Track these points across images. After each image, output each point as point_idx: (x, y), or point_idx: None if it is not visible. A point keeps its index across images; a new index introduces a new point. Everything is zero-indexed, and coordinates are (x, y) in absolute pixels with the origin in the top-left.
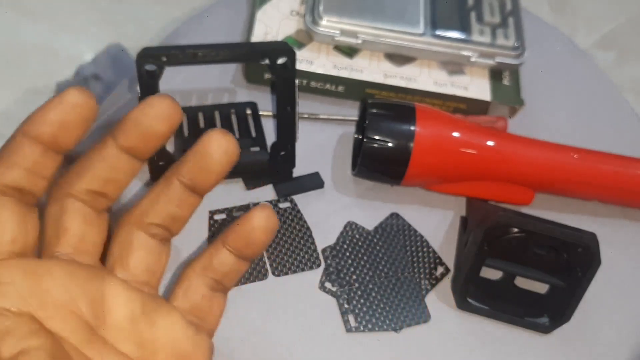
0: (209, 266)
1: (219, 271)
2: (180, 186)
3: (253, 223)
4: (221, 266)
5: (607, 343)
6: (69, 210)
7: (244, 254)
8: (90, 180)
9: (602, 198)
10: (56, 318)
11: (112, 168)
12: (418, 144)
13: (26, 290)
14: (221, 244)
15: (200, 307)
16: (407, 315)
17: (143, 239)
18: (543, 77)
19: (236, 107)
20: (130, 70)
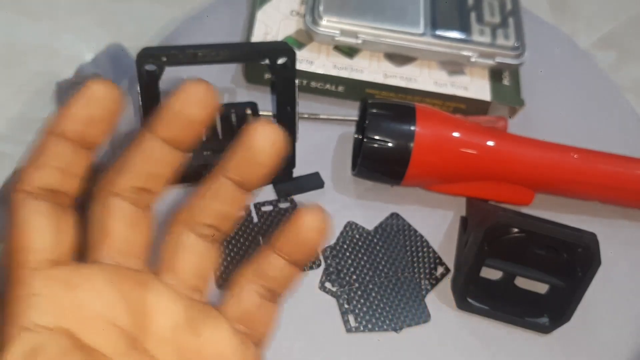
0: (259, 272)
1: (270, 277)
2: (228, 183)
3: (302, 224)
4: (273, 272)
5: (607, 343)
6: (113, 211)
7: (295, 257)
8: (132, 176)
9: (602, 198)
10: (94, 331)
11: (154, 161)
12: (418, 144)
13: (62, 303)
14: (272, 249)
15: (251, 315)
16: (407, 315)
17: (193, 241)
18: (543, 77)
19: (236, 107)
20: (130, 70)
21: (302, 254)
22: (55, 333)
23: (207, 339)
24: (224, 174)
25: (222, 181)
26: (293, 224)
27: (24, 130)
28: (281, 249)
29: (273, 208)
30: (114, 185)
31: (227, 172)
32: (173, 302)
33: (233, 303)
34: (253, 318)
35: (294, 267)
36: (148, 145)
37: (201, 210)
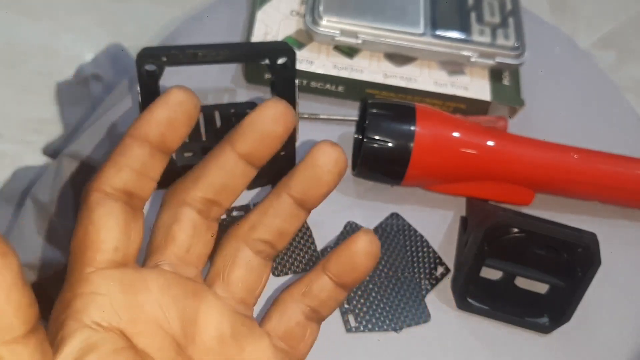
0: (307, 292)
1: (317, 298)
2: (289, 200)
3: (356, 247)
4: (320, 293)
5: (607, 343)
6: (182, 219)
7: (345, 281)
8: (207, 187)
9: (602, 198)
10: (146, 334)
11: (229, 175)
12: (418, 144)
13: (120, 304)
14: (321, 270)
15: (294, 334)
16: (407, 315)
17: (248, 256)
18: (543, 77)
19: (236, 107)
20: (130, 70)
21: (352, 278)
22: (111, 332)
23: (250, 354)
24: (287, 191)
25: (284, 198)
26: (347, 248)
27: (24, 130)
28: (332, 271)
29: None
30: (187, 194)
31: (290, 189)
32: (222, 315)
33: (277, 320)
34: (295, 337)
35: (341, 289)
36: (226, 158)
37: (260, 226)
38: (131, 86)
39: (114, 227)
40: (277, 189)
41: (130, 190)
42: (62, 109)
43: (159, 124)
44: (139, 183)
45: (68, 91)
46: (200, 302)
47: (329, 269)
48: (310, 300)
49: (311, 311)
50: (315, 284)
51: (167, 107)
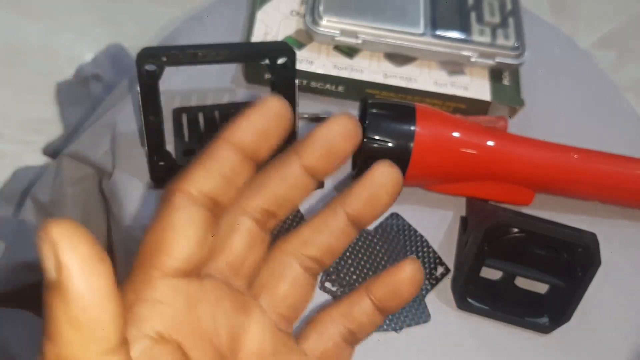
0: (347, 314)
1: (357, 321)
2: (343, 217)
3: (403, 275)
4: (361, 316)
5: (607, 343)
6: (239, 228)
7: (386, 305)
8: (268, 198)
9: (602, 198)
10: (199, 349)
11: (290, 186)
12: (418, 144)
13: (183, 317)
14: (364, 292)
15: (330, 356)
16: (407, 315)
17: (296, 271)
18: (543, 77)
19: (236, 107)
20: (130, 70)
21: (394, 304)
22: (170, 345)
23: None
24: (343, 207)
25: (339, 215)
26: (393, 274)
27: (24, 130)
28: (375, 295)
29: None
30: (247, 203)
31: (346, 206)
32: (265, 331)
33: (316, 341)
34: (331, 358)
35: (380, 314)
36: (291, 170)
37: (312, 242)
38: (131, 86)
39: (192, 236)
40: (332, 205)
41: (216, 196)
42: (62, 109)
43: (255, 131)
44: (226, 190)
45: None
46: (248, 316)
47: (372, 293)
48: (350, 322)
49: (349, 333)
50: (356, 307)
51: (264, 115)
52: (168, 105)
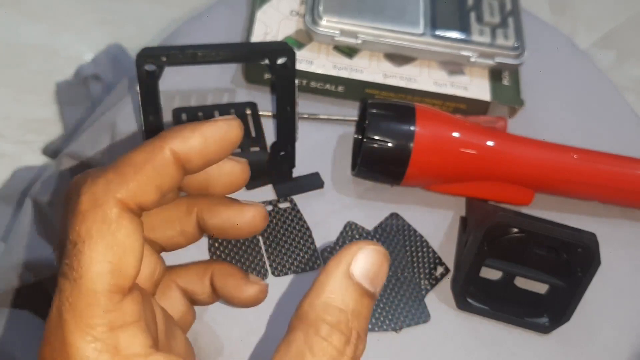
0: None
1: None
2: (196, 224)
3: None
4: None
5: (607, 343)
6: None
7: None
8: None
9: (602, 198)
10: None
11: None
12: (418, 144)
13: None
14: (208, 274)
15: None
16: (407, 315)
17: (148, 252)
18: (543, 77)
19: (236, 107)
20: (130, 70)
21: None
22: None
23: None
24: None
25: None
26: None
27: (24, 130)
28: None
29: (273, 208)
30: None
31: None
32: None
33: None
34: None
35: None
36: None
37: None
38: (131, 86)
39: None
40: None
41: (147, 208)
42: (62, 109)
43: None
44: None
45: (68, 91)
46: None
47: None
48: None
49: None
50: (199, 285)
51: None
52: (168, 105)
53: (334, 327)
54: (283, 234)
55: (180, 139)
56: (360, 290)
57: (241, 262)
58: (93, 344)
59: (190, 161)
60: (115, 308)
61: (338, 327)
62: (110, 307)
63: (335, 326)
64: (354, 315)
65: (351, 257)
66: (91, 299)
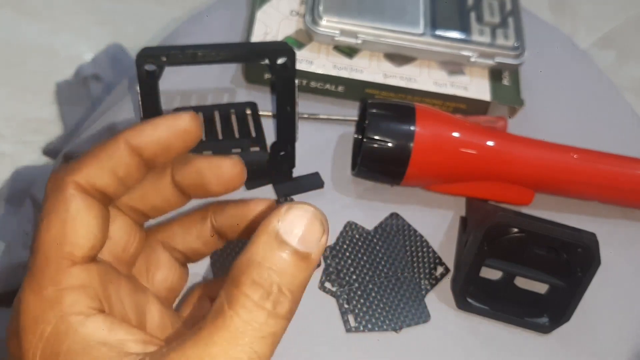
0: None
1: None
2: (212, 229)
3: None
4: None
5: (607, 343)
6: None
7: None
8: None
9: (602, 198)
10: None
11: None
12: (418, 144)
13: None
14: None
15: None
16: (407, 315)
17: (168, 259)
18: (543, 77)
19: (236, 107)
20: (130, 70)
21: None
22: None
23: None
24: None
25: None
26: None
27: (24, 130)
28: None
29: None
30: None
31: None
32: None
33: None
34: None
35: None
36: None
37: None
38: (131, 86)
39: (93, 224)
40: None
41: (106, 192)
42: (62, 109)
43: (158, 143)
44: (117, 189)
45: (68, 91)
46: (145, 295)
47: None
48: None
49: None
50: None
51: (172, 130)
52: (168, 105)
53: (252, 281)
54: None
55: (133, 130)
56: (286, 247)
57: None
58: (40, 301)
59: (144, 149)
60: (64, 272)
61: (256, 280)
62: (59, 270)
63: (253, 279)
64: (276, 272)
65: (278, 217)
66: (43, 264)
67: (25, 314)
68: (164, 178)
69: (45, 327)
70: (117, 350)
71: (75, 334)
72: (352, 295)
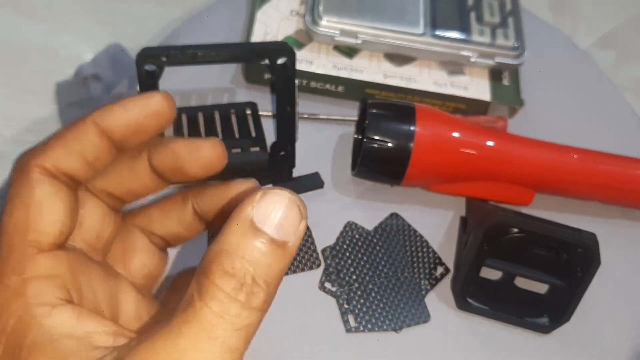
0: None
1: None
2: (193, 213)
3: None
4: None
5: (607, 343)
6: (87, 205)
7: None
8: (115, 186)
9: (602, 198)
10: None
11: (139, 183)
12: (418, 144)
13: (71, 285)
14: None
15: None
16: (407, 315)
17: (145, 244)
18: (543, 77)
19: (236, 107)
20: (130, 70)
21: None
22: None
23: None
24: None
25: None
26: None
27: (24, 130)
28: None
29: None
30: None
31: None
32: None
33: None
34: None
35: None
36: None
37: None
38: (131, 86)
39: (60, 210)
40: (185, 195)
41: (74, 176)
42: (61, 109)
43: (127, 124)
44: (86, 172)
45: (68, 91)
46: (118, 283)
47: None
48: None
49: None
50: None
51: (143, 110)
52: None
53: (224, 271)
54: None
55: (102, 110)
56: (260, 236)
57: None
58: (3, 291)
59: (114, 131)
60: (29, 260)
61: (229, 270)
62: (23, 258)
63: (225, 270)
64: (250, 262)
65: (252, 204)
66: (7, 252)
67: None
68: (140, 161)
69: (8, 318)
70: (84, 343)
71: (40, 327)
72: (352, 295)
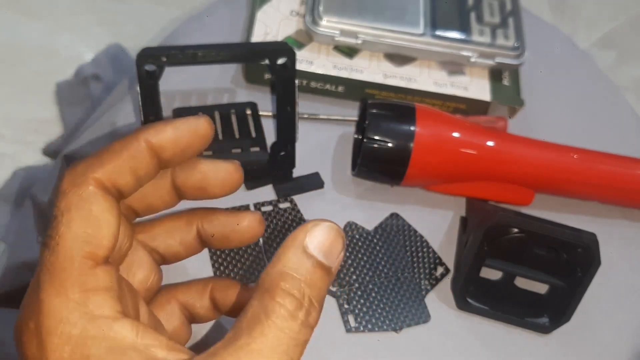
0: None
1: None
2: (196, 235)
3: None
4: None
5: (607, 343)
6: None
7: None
8: (138, 200)
9: (602, 198)
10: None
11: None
12: (418, 144)
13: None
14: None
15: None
16: (407, 315)
17: (148, 259)
18: (543, 77)
19: (236, 107)
20: (130, 70)
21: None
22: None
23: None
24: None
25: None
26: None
27: (24, 130)
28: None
29: (273, 208)
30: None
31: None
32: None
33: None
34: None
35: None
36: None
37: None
38: (131, 86)
39: (114, 225)
40: (191, 217)
41: (124, 191)
42: (62, 109)
43: (178, 145)
44: (133, 187)
45: (68, 91)
46: (137, 295)
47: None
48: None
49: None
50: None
51: (191, 134)
52: (168, 105)
53: (287, 292)
54: (284, 234)
55: (154, 130)
56: (313, 261)
57: (241, 263)
58: (65, 302)
59: (163, 150)
60: (89, 273)
61: (291, 292)
62: (84, 271)
63: (288, 291)
64: (307, 284)
65: (306, 232)
66: (67, 263)
67: (48, 315)
68: (164, 178)
69: (71, 329)
70: (145, 355)
71: (104, 339)
72: (352, 295)
